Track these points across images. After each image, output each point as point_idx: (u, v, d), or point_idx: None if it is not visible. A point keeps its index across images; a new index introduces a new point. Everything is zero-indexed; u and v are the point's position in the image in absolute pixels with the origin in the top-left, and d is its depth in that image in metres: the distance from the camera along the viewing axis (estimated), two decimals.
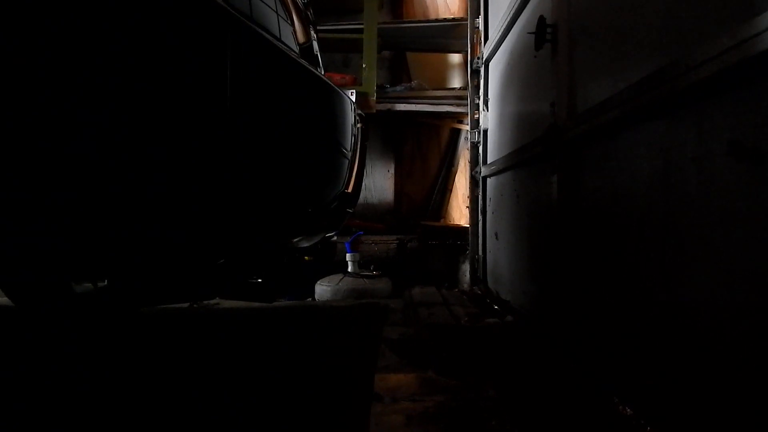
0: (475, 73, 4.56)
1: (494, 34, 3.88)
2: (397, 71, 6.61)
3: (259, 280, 2.74)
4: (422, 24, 5.93)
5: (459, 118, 6.11)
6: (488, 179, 4.19)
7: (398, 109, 5.59)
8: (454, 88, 5.96)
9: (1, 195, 1.20)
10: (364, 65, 5.26)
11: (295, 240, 2.79)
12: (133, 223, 1.55)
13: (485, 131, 4.33)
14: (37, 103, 1.19)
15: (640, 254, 1.69)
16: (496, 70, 4.04)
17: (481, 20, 4.53)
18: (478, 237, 4.43)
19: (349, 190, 3.06)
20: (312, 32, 2.87)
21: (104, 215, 1.45)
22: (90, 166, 1.35)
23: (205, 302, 3.53)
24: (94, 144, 1.34)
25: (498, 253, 3.83)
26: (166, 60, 1.53)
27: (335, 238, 4.25)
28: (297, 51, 2.57)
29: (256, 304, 3.42)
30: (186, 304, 3.43)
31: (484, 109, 4.35)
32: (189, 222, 1.80)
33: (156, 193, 1.60)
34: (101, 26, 1.32)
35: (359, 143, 3.16)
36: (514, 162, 3.25)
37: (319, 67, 2.90)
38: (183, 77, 1.61)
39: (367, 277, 4.69)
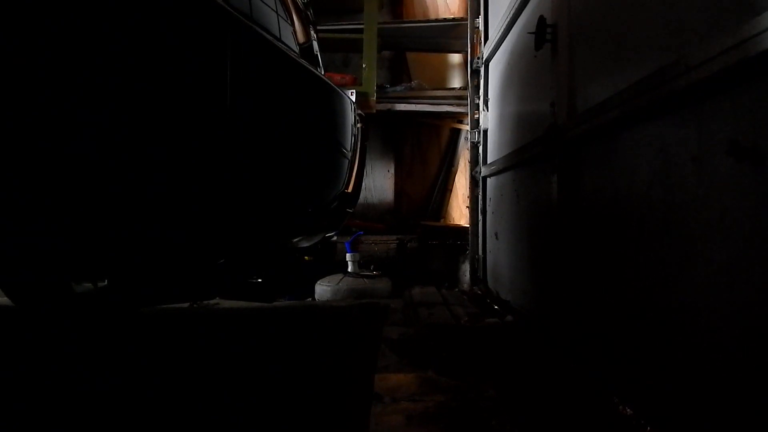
0: (475, 73, 4.56)
1: (494, 34, 3.88)
2: (397, 71, 6.61)
3: (259, 280, 2.74)
4: (422, 24, 5.94)
5: (459, 118, 6.12)
6: (488, 179, 4.19)
7: (398, 109, 5.59)
8: (454, 88, 5.97)
9: (1, 195, 1.20)
10: (364, 65, 5.26)
11: (295, 240, 2.79)
12: (133, 223, 1.56)
13: (485, 131, 4.33)
14: (38, 103, 1.19)
15: (639, 254, 1.69)
16: (496, 70, 4.04)
17: (481, 20, 4.53)
18: (478, 237, 4.43)
19: (349, 190, 3.06)
20: (312, 32, 2.87)
21: (104, 215, 1.45)
22: (90, 166, 1.35)
23: (205, 302, 3.53)
24: (94, 144, 1.34)
25: (498, 253, 3.83)
26: (166, 60, 1.54)
27: (335, 238, 4.26)
28: (297, 51, 2.57)
29: (256, 304, 3.42)
30: (186, 304, 3.43)
31: (484, 109, 4.35)
32: (189, 222, 1.80)
33: (156, 193, 1.60)
34: (101, 26, 1.32)
35: (359, 143, 3.16)
36: (514, 162, 3.25)
37: (319, 67, 2.90)
38: (183, 77, 1.61)
39: (367, 277, 4.69)
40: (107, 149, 1.38)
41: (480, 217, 4.39)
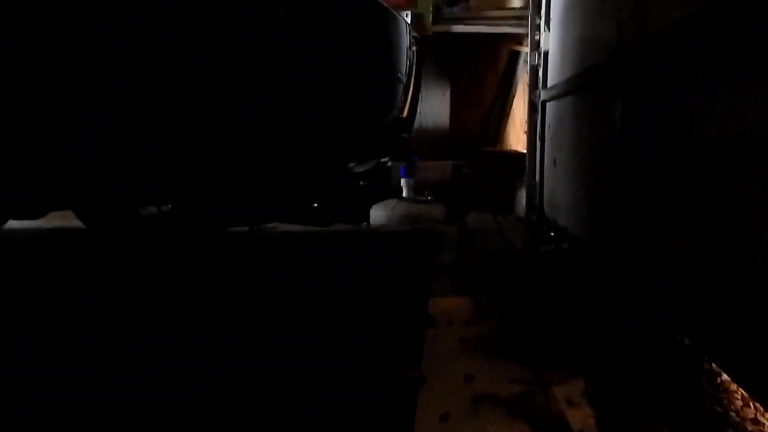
0: None
1: None
2: None
3: (315, 205, 2.79)
4: None
5: (518, 39, 5.90)
6: (548, 104, 4.05)
7: (455, 31, 5.42)
8: (514, 8, 5.70)
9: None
10: None
11: (351, 165, 2.80)
12: (196, 151, 1.59)
13: (546, 53, 4.16)
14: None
15: (706, 193, 1.62)
16: None
17: None
18: (535, 163, 4.34)
19: (404, 115, 3.03)
20: None
21: (169, 146, 1.49)
22: (164, 98, 1.38)
23: (263, 226, 3.63)
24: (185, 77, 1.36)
25: (556, 179, 3.76)
26: None
27: (390, 163, 4.26)
28: None
29: (313, 228, 3.50)
30: (245, 228, 3.54)
31: (545, 30, 4.16)
32: (247, 148, 1.83)
33: (222, 122, 1.63)
34: None
35: (414, 67, 3.10)
36: (576, 86, 3.13)
37: None
38: None
39: (421, 202, 4.70)
40: (185, 85, 1.41)
41: (538, 143, 4.28)
